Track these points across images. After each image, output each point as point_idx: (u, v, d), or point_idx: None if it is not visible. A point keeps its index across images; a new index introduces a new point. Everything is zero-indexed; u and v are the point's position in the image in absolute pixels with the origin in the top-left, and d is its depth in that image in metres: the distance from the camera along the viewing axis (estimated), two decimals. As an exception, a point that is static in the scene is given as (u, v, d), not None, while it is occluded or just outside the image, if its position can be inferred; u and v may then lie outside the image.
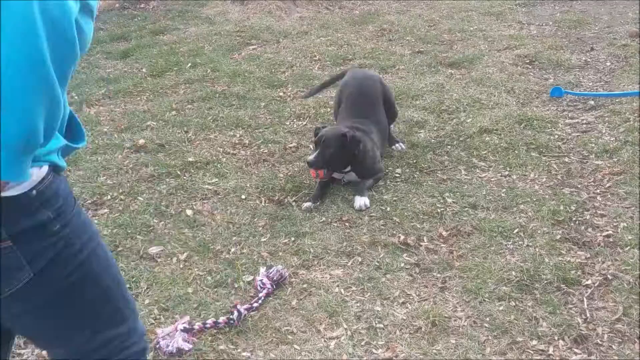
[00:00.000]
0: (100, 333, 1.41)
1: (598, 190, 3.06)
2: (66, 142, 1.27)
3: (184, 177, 3.41)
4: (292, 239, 2.83)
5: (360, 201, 3.06)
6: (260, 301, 2.40)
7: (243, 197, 3.21)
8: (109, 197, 3.23)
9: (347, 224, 2.94)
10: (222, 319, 2.30)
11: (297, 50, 5.52)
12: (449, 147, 3.64)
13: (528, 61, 4.98)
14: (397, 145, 3.65)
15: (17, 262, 1.20)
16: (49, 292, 1.29)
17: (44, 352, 2.14)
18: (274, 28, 6.15)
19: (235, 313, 2.30)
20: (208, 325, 2.28)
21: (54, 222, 1.23)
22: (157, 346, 2.19)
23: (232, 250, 2.77)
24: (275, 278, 2.48)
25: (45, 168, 1.22)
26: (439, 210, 2.97)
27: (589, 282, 2.41)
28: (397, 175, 3.38)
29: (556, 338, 2.16)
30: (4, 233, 1.17)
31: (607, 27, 5.82)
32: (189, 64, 5.21)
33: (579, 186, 3.12)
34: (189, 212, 3.07)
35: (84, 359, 1.43)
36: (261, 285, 2.46)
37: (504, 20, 6.22)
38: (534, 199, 3.00)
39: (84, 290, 1.34)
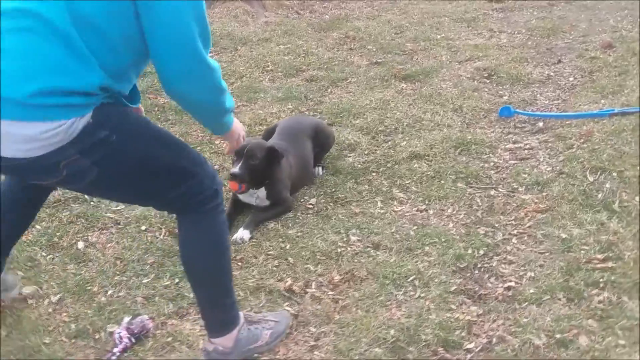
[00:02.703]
0: (173, 190, 1.83)
1: (515, 231, 2.81)
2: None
3: (90, 203, 3.23)
4: (176, 280, 2.64)
5: (240, 233, 2.90)
6: (113, 358, 2.21)
7: (143, 227, 3.03)
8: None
9: (239, 263, 2.74)
10: (65, 379, 2.13)
11: (252, 59, 5.31)
12: (374, 174, 3.41)
13: (486, 75, 4.72)
14: (317, 169, 3.44)
15: (86, 165, 1.66)
16: (117, 178, 1.75)
17: None
18: (235, 34, 5.94)
19: (80, 372, 2.13)
20: (48, 386, 2.11)
21: (110, 135, 1.65)
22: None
23: (110, 292, 2.59)
24: (136, 331, 2.29)
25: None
26: (339, 250, 2.75)
27: (472, 345, 2.17)
28: (310, 206, 3.17)
29: (416, 414, 1.94)
30: (74, 151, 1.61)
31: (582, 37, 5.51)
32: (137, 74, 5.02)
33: (497, 225, 2.87)
34: (80, 245, 2.90)
35: (165, 208, 2.01)
36: (119, 339, 2.27)
37: (476, 27, 5.94)
38: (443, 240, 2.77)
39: (147, 170, 1.78)
